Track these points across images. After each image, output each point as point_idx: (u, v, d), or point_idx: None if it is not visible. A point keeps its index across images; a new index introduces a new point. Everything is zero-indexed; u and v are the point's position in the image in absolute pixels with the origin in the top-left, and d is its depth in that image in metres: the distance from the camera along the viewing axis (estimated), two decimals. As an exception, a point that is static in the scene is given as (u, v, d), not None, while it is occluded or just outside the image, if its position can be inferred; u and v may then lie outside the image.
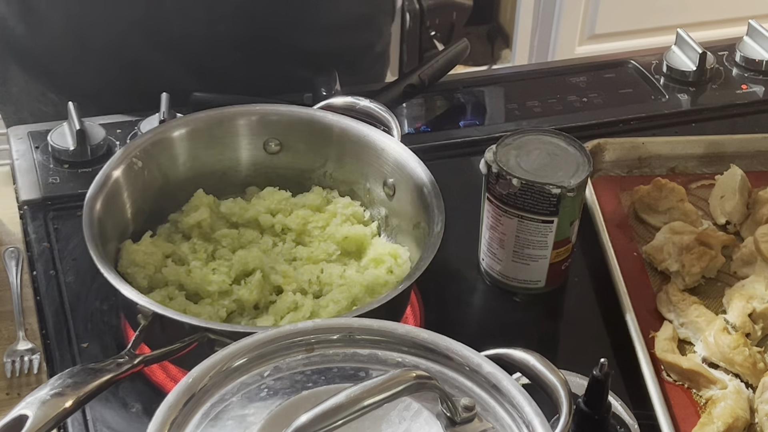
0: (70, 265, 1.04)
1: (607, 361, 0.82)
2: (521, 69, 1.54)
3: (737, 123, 1.31)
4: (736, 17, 2.60)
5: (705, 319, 0.98)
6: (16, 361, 0.94)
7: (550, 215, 0.98)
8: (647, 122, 1.30)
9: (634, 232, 1.12)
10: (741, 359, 0.94)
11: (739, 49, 1.41)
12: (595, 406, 0.84)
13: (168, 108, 1.16)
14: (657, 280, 1.06)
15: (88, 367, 0.80)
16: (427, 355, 0.76)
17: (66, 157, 1.16)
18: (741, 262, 1.07)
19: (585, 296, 1.06)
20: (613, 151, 1.20)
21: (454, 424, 0.70)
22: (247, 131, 1.05)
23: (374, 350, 0.76)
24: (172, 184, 1.03)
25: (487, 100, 1.35)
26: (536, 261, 1.02)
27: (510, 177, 0.97)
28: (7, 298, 1.00)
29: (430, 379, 0.69)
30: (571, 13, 2.70)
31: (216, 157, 1.05)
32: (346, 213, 1.02)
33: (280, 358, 0.75)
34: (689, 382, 0.94)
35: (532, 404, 0.71)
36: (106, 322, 0.98)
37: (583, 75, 1.38)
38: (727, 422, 0.88)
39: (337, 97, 1.10)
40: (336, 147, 1.05)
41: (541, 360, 0.76)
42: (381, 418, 0.70)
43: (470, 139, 1.25)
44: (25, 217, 1.10)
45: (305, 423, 0.64)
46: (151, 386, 0.92)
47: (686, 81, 1.36)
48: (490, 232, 1.02)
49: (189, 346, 0.84)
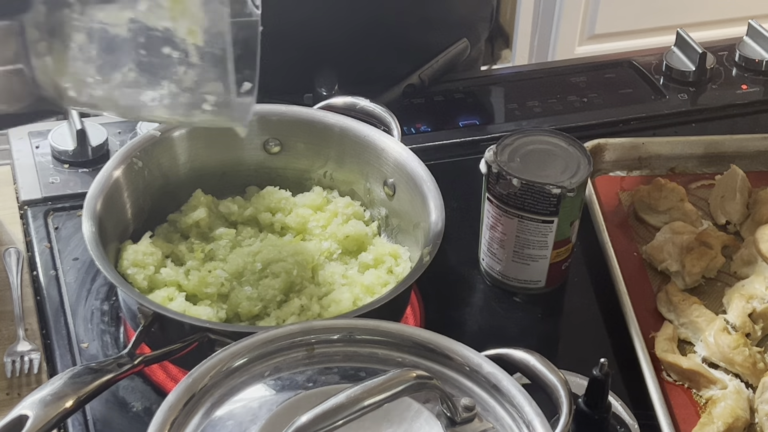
0: (70, 265, 1.04)
1: (607, 361, 0.82)
2: (521, 69, 1.54)
3: (737, 123, 1.31)
4: (736, 17, 2.60)
5: (705, 319, 0.98)
6: (16, 361, 0.94)
7: (550, 215, 0.98)
8: (647, 122, 1.30)
9: (634, 232, 1.12)
10: (741, 359, 0.94)
11: (739, 49, 1.41)
12: (595, 406, 0.84)
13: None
14: (657, 280, 1.06)
15: (88, 367, 0.80)
16: (427, 355, 0.76)
17: (66, 157, 1.16)
18: (741, 262, 1.07)
19: (585, 296, 1.06)
20: (613, 151, 1.20)
21: (454, 424, 0.70)
22: (247, 131, 1.05)
23: (374, 350, 0.77)
24: (172, 184, 1.03)
25: (487, 100, 1.35)
26: (536, 261, 1.02)
27: (510, 177, 0.97)
28: (7, 298, 1.00)
29: (430, 379, 0.69)
30: (571, 13, 2.70)
31: (216, 157, 1.05)
32: (346, 213, 1.02)
33: (280, 358, 0.75)
34: (689, 382, 0.94)
35: (532, 404, 0.71)
36: (106, 322, 0.99)
37: (583, 75, 1.38)
38: (727, 422, 0.88)
39: (337, 97, 1.10)
40: (336, 147, 1.05)
41: (541, 360, 0.76)
42: (381, 418, 0.70)
43: (470, 139, 1.25)
44: (25, 217, 1.10)
45: (305, 423, 0.64)
46: (151, 386, 0.92)
47: (686, 81, 1.36)
48: (490, 232, 1.02)
49: (189, 346, 0.84)
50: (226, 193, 1.05)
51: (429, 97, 1.31)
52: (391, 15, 1.28)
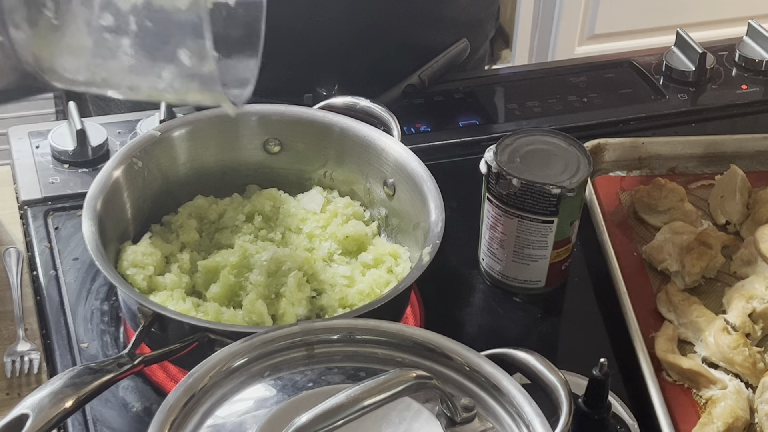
0: (70, 265, 1.04)
1: (607, 361, 0.82)
2: (521, 69, 1.53)
3: (737, 123, 1.31)
4: (736, 17, 2.59)
5: (705, 319, 0.98)
6: (16, 361, 0.94)
7: (550, 215, 0.98)
8: (647, 122, 1.30)
9: (634, 232, 1.12)
10: (741, 359, 0.94)
11: (739, 49, 1.41)
12: (595, 406, 0.84)
13: (168, 108, 1.16)
14: (657, 280, 1.06)
15: (88, 367, 0.80)
16: (427, 355, 0.76)
17: (66, 157, 1.16)
18: (741, 262, 1.07)
19: (585, 296, 1.06)
20: (613, 151, 1.20)
21: (454, 424, 0.70)
22: (247, 131, 1.05)
23: (374, 350, 0.77)
24: (172, 184, 1.03)
25: (487, 100, 1.35)
26: (536, 261, 1.02)
27: (510, 177, 0.97)
28: (7, 298, 1.00)
29: (430, 379, 0.69)
30: (571, 13, 2.70)
31: (216, 157, 1.05)
32: (346, 213, 1.02)
33: (280, 358, 0.75)
34: (689, 382, 0.94)
35: (532, 404, 0.71)
36: (106, 322, 0.99)
37: (583, 75, 1.38)
38: (727, 422, 0.88)
39: (337, 97, 1.10)
40: (336, 147, 1.05)
41: (541, 360, 0.76)
42: (381, 418, 0.70)
43: (470, 139, 1.25)
44: (25, 217, 1.10)
45: (305, 423, 0.64)
46: (151, 386, 0.92)
47: (686, 81, 1.36)
48: (490, 232, 1.02)
49: (189, 346, 0.84)
50: (226, 194, 1.05)
51: (429, 97, 1.30)
52: (392, 15, 1.27)
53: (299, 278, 0.94)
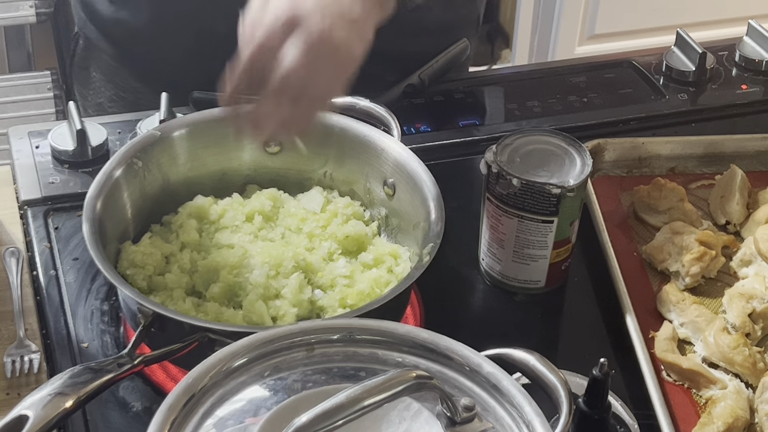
0: (70, 265, 1.04)
1: (607, 361, 0.82)
2: (521, 69, 1.54)
3: (737, 123, 1.31)
4: (736, 17, 2.60)
5: (705, 319, 0.98)
6: (16, 361, 0.94)
7: (550, 215, 0.98)
8: (647, 122, 1.30)
9: (634, 232, 1.12)
10: (741, 359, 0.94)
11: (739, 49, 1.41)
12: (595, 406, 0.84)
13: (168, 108, 1.16)
14: (657, 280, 1.06)
15: (88, 367, 0.80)
16: (427, 355, 0.76)
17: (66, 157, 1.16)
18: (741, 262, 1.07)
19: (585, 296, 1.06)
20: (613, 151, 1.20)
21: (454, 424, 0.70)
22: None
23: (374, 350, 0.76)
24: (172, 184, 1.03)
25: (487, 100, 1.35)
26: (536, 261, 1.02)
27: (510, 177, 0.97)
28: (7, 298, 1.00)
29: (430, 379, 0.69)
30: (571, 13, 2.70)
31: (216, 157, 1.05)
32: (346, 213, 1.02)
33: (280, 358, 0.75)
34: (689, 382, 0.94)
35: (532, 404, 0.71)
36: (106, 322, 0.99)
37: (583, 75, 1.38)
38: (727, 422, 0.88)
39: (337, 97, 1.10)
40: (336, 147, 1.05)
41: (541, 360, 0.76)
42: (381, 418, 0.70)
43: (470, 139, 1.25)
44: (25, 217, 1.10)
45: (305, 423, 0.64)
46: (151, 386, 0.92)
47: (686, 81, 1.36)
48: (490, 232, 1.02)
49: (189, 346, 0.84)
50: (226, 194, 1.05)
51: (429, 97, 1.30)
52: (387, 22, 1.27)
53: (299, 278, 0.94)
